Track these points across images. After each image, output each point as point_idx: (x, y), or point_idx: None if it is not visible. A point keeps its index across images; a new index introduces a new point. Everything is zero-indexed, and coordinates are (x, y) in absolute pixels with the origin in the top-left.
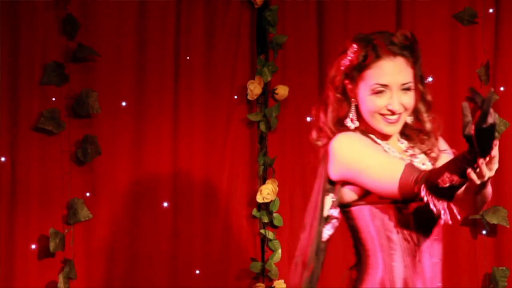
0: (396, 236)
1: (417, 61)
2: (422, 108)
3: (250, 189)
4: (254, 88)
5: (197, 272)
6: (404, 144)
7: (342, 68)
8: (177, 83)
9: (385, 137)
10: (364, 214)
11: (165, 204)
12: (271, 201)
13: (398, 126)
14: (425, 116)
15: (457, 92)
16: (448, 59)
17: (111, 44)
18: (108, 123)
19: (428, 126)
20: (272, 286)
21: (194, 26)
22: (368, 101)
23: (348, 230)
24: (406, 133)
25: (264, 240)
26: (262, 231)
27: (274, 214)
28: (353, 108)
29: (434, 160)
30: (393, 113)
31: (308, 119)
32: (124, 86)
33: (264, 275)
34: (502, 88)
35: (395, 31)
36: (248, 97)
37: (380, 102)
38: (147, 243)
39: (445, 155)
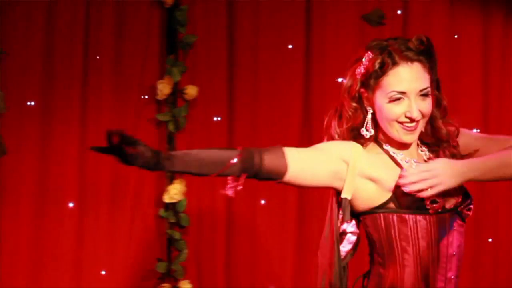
0: (412, 249)
1: (433, 66)
2: (437, 114)
3: (157, 189)
4: (163, 88)
5: (103, 272)
6: (425, 152)
7: (358, 76)
8: (85, 83)
9: (403, 146)
10: (378, 223)
11: (71, 205)
12: (178, 201)
13: (416, 134)
14: (441, 123)
15: None
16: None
17: (19, 43)
18: (14, 123)
19: (444, 132)
20: (178, 286)
21: (103, 25)
22: (385, 109)
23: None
24: (426, 141)
25: (170, 240)
26: (168, 231)
27: (181, 214)
28: (369, 116)
29: None
30: (412, 120)
31: (215, 119)
32: (32, 85)
33: (170, 275)
34: None
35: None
36: (157, 97)
37: (398, 109)
38: (52, 243)
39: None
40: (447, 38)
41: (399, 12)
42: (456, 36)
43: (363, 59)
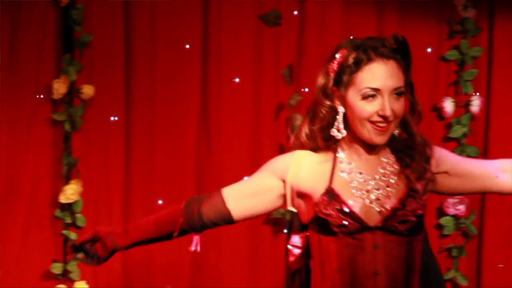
0: (326, 270)
1: (408, 67)
2: (411, 119)
3: (53, 189)
4: (59, 87)
5: None
6: (391, 160)
7: (331, 74)
8: None
9: (372, 149)
10: (309, 239)
11: None
12: (74, 201)
13: (387, 136)
14: (415, 129)
15: (262, 92)
16: (253, 60)
17: None
18: None
19: (419, 140)
20: (74, 287)
21: None
22: (358, 107)
23: None
24: (397, 147)
25: (66, 241)
26: (64, 231)
27: (77, 215)
28: (340, 116)
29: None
30: (384, 119)
31: (112, 118)
32: None
33: (66, 276)
34: (306, 89)
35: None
36: (53, 96)
37: (371, 107)
38: None
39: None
40: (343, 39)
41: (295, 12)
42: (351, 37)
43: (337, 56)
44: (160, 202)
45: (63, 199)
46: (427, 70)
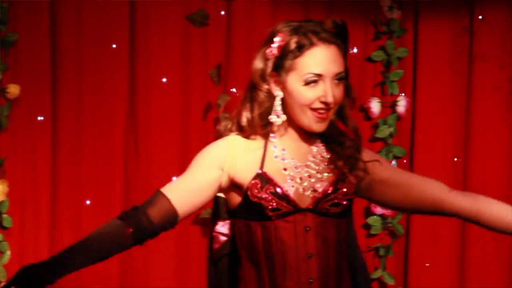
0: (258, 256)
1: (346, 52)
2: (346, 104)
3: None
4: None
5: None
6: (322, 148)
7: (270, 57)
8: None
9: (306, 135)
10: (236, 227)
11: None
12: (1, 201)
13: (327, 123)
14: (349, 115)
15: (190, 92)
16: (181, 60)
17: None
18: None
19: (352, 125)
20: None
21: None
22: (300, 93)
23: None
24: (329, 133)
25: None
26: None
27: (4, 215)
28: (278, 101)
29: (347, 185)
30: (326, 106)
31: (39, 118)
32: None
33: None
34: (234, 89)
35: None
36: None
37: (313, 93)
38: None
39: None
40: None
41: (222, 12)
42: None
43: (276, 39)
44: (88, 202)
45: None
46: (354, 71)
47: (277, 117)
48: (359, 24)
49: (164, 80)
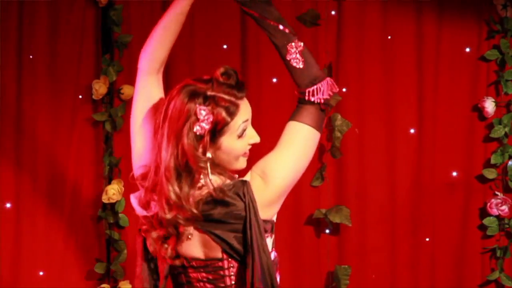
0: None
1: None
2: None
3: (95, 189)
4: (99, 88)
5: (41, 273)
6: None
7: (204, 133)
8: (20, 83)
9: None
10: None
11: (8, 205)
12: (116, 201)
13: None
14: None
15: None
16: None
17: None
18: None
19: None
20: (118, 286)
21: (37, 25)
22: (237, 147)
23: None
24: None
25: (109, 240)
26: (107, 231)
27: (120, 215)
28: (208, 164)
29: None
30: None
31: None
32: None
33: (110, 276)
34: (344, 89)
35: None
36: (93, 97)
37: (246, 141)
38: None
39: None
40: (381, 39)
41: (333, 12)
42: (389, 37)
43: (202, 115)
44: None
45: (105, 199)
46: (467, 70)
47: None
48: (472, 23)
49: (275, 80)
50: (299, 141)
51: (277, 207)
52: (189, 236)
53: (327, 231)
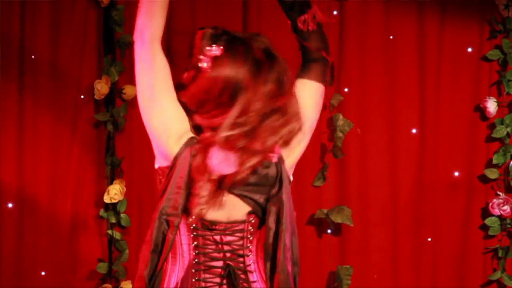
0: None
1: None
2: None
3: (97, 189)
4: (101, 88)
5: (43, 273)
6: None
7: None
8: (21, 83)
9: None
10: None
11: (10, 205)
12: (118, 201)
13: None
14: None
15: None
16: (293, 60)
17: None
18: None
19: None
20: (120, 286)
21: (39, 25)
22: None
23: None
24: None
25: (111, 240)
26: (109, 231)
27: (122, 215)
28: None
29: None
30: None
31: None
32: None
33: (112, 276)
34: (346, 89)
35: None
36: (95, 97)
37: None
38: None
39: None
40: (383, 39)
41: (335, 12)
42: (391, 37)
43: None
44: None
45: (107, 199)
46: (469, 70)
47: None
48: (474, 23)
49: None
50: (317, 102)
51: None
52: (224, 199)
53: (329, 231)
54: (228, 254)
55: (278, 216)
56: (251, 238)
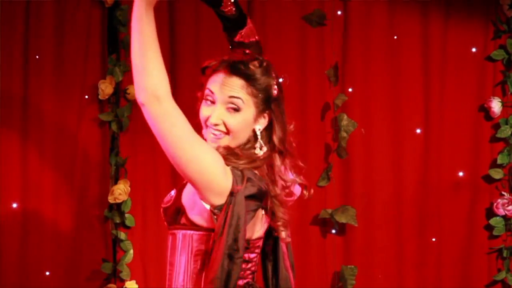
0: None
1: (257, 89)
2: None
3: (101, 189)
4: (105, 88)
5: (47, 273)
6: None
7: None
8: (26, 83)
9: None
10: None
11: (14, 205)
12: (123, 201)
13: (218, 145)
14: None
15: (308, 92)
16: (297, 60)
17: None
18: None
19: None
20: (124, 287)
21: (43, 24)
22: (201, 109)
23: None
24: None
25: (115, 240)
26: (113, 231)
27: (126, 215)
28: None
29: None
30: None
31: None
32: None
33: (116, 276)
34: (350, 89)
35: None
36: (100, 97)
37: (206, 111)
38: None
39: None
40: (387, 39)
41: (339, 12)
42: (395, 37)
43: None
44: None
45: (111, 199)
46: (473, 70)
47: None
48: (478, 23)
49: (280, 80)
50: None
51: None
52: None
53: (333, 231)
54: (248, 272)
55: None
56: (258, 255)
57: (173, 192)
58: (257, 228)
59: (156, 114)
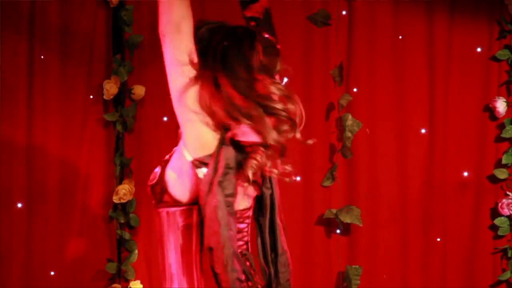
0: None
1: None
2: None
3: (106, 189)
4: (110, 88)
5: (52, 273)
6: None
7: None
8: (31, 83)
9: None
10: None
11: (19, 205)
12: (127, 201)
13: None
14: None
15: (312, 92)
16: (302, 60)
17: None
18: None
19: None
20: (129, 286)
21: (48, 24)
22: None
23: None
24: None
25: (120, 240)
26: (118, 231)
27: (131, 215)
28: None
29: None
30: None
31: (165, 119)
32: None
33: (121, 276)
34: (355, 89)
35: None
36: (104, 97)
37: None
38: (0, 243)
39: None
40: (392, 39)
41: (344, 12)
42: (400, 37)
43: None
44: None
45: (116, 199)
46: (478, 70)
47: None
48: (483, 23)
49: (285, 80)
50: None
51: None
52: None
53: (338, 231)
54: (240, 243)
55: (272, 198)
56: (249, 223)
57: (157, 169)
58: (239, 198)
59: (173, 43)
